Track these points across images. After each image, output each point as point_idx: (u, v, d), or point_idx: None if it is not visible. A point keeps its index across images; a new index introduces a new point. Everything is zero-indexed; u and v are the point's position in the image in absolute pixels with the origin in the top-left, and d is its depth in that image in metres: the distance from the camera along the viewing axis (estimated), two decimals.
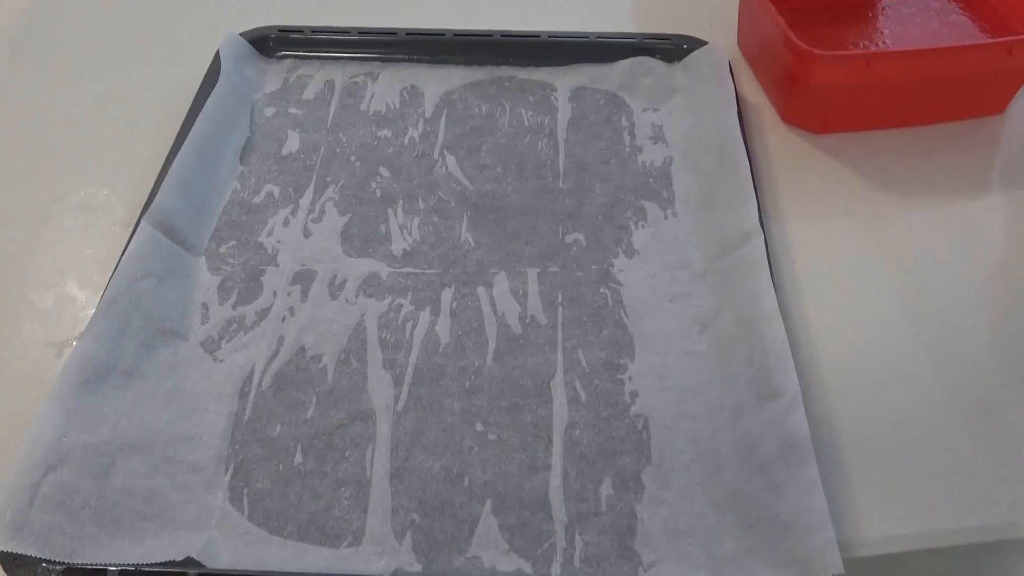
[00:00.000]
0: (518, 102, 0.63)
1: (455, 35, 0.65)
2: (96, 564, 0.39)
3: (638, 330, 0.49)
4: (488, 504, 0.42)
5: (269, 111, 0.62)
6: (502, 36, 0.65)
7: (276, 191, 0.57)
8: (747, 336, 0.46)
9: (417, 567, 0.40)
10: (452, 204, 0.56)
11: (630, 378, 0.47)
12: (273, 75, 0.65)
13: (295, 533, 0.42)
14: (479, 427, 0.45)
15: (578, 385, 0.47)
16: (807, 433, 0.41)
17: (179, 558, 0.40)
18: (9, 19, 0.72)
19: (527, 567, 0.40)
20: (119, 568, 0.39)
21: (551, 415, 0.46)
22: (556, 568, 0.40)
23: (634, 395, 0.46)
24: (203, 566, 0.39)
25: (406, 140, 0.60)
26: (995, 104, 0.61)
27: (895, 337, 0.49)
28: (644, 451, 0.44)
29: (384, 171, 0.58)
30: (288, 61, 0.65)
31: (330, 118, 0.62)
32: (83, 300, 0.52)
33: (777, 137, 0.60)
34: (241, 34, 0.65)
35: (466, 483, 0.43)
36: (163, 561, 0.39)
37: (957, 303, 0.50)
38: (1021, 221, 0.55)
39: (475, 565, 0.40)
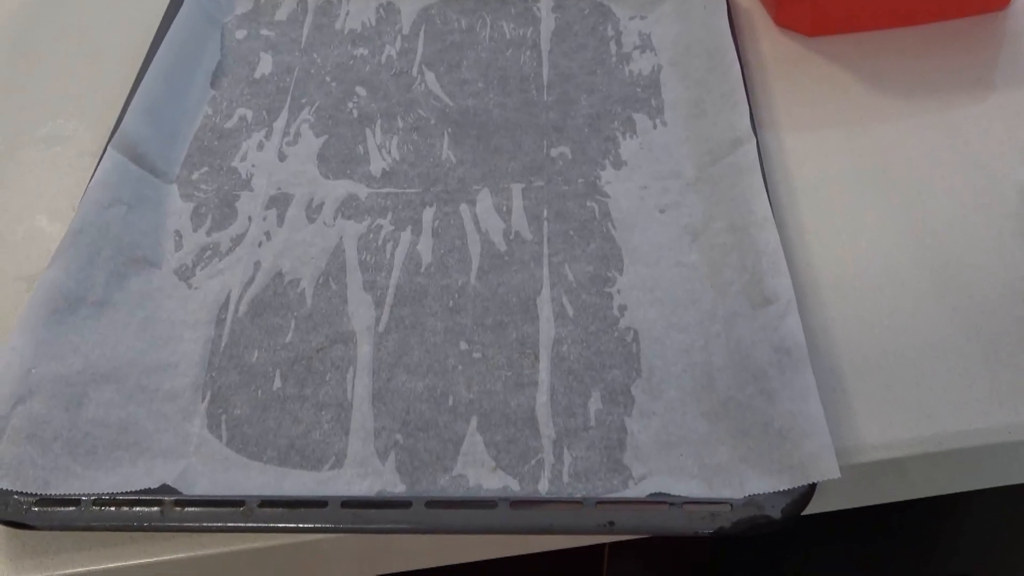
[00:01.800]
0: (499, 14, 0.60)
1: None
2: (69, 494, 0.38)
3: (627, 242, 0.47)
4: (473, 422, 0.41)
5: (240, 33, 0.60)
6: None
7: (249, 115, 0.55)
8: (739, 243, 0.45)
9: (401, 487, 0.39)
10: (432, 121, 0.54)
11: (619, 291, 0.45)
12: None
13: (275, 458, 0.40)
14: (463, 346, 0.44)
15: (565, 300, 0.45)
16: (802, 339, 0.40)
17: (155, 485, 0.39)
18: None
19: (514, 484, 0.39)
20: (93, 498, 0.38)
21: (537, 331, 0.44)
22: (544, 484, 0.39)
23: (623, 308, 0.45)
24: (180, 493, 0.38)
25: (383, 58, 0.58)
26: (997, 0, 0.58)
27: (892, 243, 0.47)
28: (634, 364, 0.43)
29: (361, 90, 0.56)
30: None
31: (304, 38, 0.59)
32: (53, 233, 0.50)
33: (770, 41, 0.58)
34: None
35: (450, 402, 0.42)
36: (138, 489, 0.38)
37: (956, 207, 0.48)
38: (1019, 122, 0.52)
39: (460, 484, 0.39)
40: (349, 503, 0.38)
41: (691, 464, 0.39)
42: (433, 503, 0.38)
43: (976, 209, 0.48)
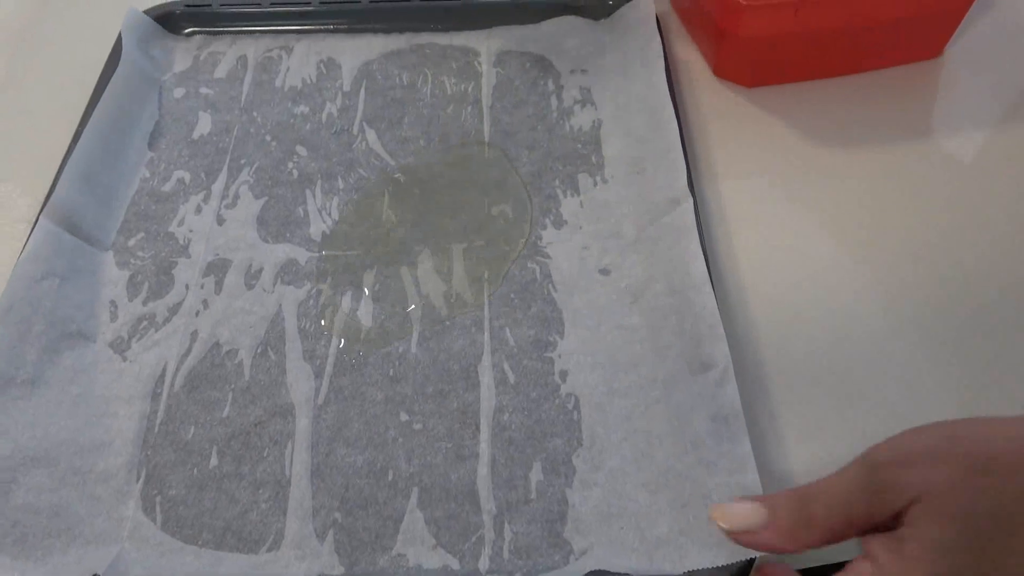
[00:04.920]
0: (441, 69, 0.60)
1: (371, 1, 0.62)
2: None
3: (567, 305, 0.47)
4: (414, 497, 0.41)
5: (179, 92, 0.59)
6: (421, 1, 0.62)
7: (187, 177, 0.54)
8: (678, 306, 0.45)
9: (340, 569, 0.38)
10: (372, 180, 0.54)
11: (559, 356, 0.45)
12: (182, 53, 0.61)
13: (211, 541, 0.40)
14: (404, 416, 0.43)
15: (506, 366, 0.45)
16: (739, 406, 0.40)
17: None
18: None
19: (454, 563, 0.38)
20: None
21: (478, 400, 0.44)
22: (484, 562, 0.38)
23: (564, 374, 0.44)
24: None
25: (324, 116, 0.57)
26: (931, 48, 0.59)
27: (834, 295, 0.47)
28: (575, 432, 0.42)
29: (301, 150, 0.56)
30: (197, 38, 0.62)
31: (244, 96, 0.59)
32: None
33: (710, 93, 0.58)
34: (145, 11, 0.62)
35: (390, 477, 0.41)
36: None
37: (897, 256, 0.49)
38: (961, 167, 0.53)
39: (400, 564, 0.39)
40: None
41: (632, 537, 0.39)
42: None
43: (917, 260, 0.48)
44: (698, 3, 0.58)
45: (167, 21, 0.62)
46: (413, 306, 0.48)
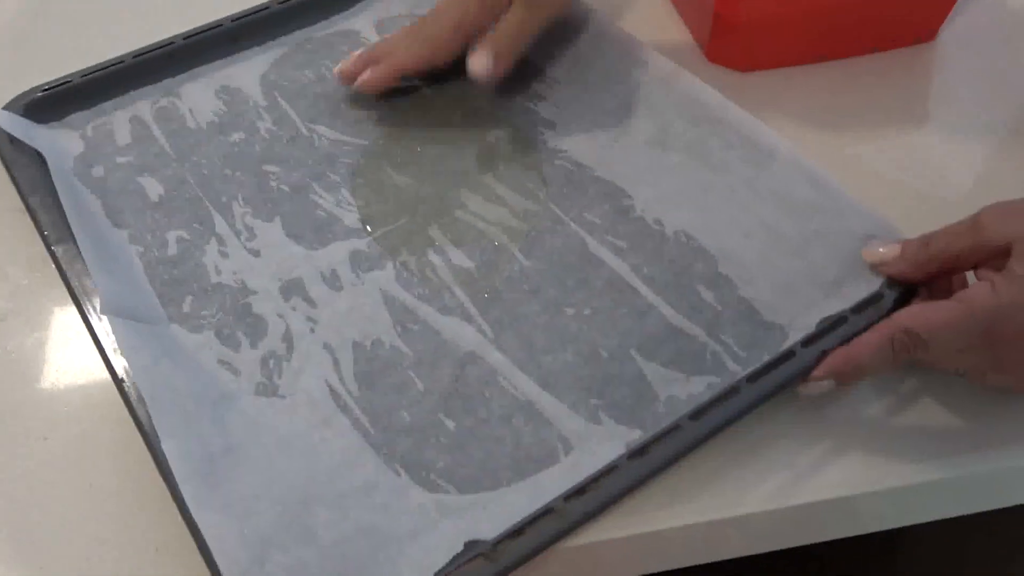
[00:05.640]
0: (334, 53, 0.61)
1: (233, 20, 0.61)
2: None
3: (614, 174, 0.52)
4: (637, 357, 0.44)
5: (96, 171, 0.54)
6: (280, 5, 0.62)
7: (184, 234, 0.51)
8: (711, 129, 0.52)
9: (637, 433, 0.42)
10: (363, 162, 0.54)
11: (643, 210, 0.50)
12: (65, 139, 0.56)
13: (510, 478, 0.41)
14: (570, 311, 0.46)
15: (610, 238, 0.49)
16: (824, 172, 0.49)
17: (460, 548, 0.38)
18: None
19: (712, 379, 0.43)
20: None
21: (615, 270, 0.48)
22: (731, 365, 0.44)
23: (659, 221, 0.50)
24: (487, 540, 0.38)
25: (264, 133, 0.56)
26: (925, 31, 0.59)
27: None
28: (705, 253, 0.48)
29: (271, 167, 0.54)
30: (73, 117, 0.57)
31: (169, 149, 0.55)
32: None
33: (704, 77, 0.55)
34: (3, 108, 0.55)
35: (605, 355, 0.45)
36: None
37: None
38: (955, 150, 0.54)
39: (672, 406, 0.43)
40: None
41: (817, 294, 0.46)
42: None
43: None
44: None
45: (31, 112, 0.56)
46: (495, 235, 0.50)
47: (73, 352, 0.48)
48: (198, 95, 0.58)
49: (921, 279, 0.44)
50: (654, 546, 0.41)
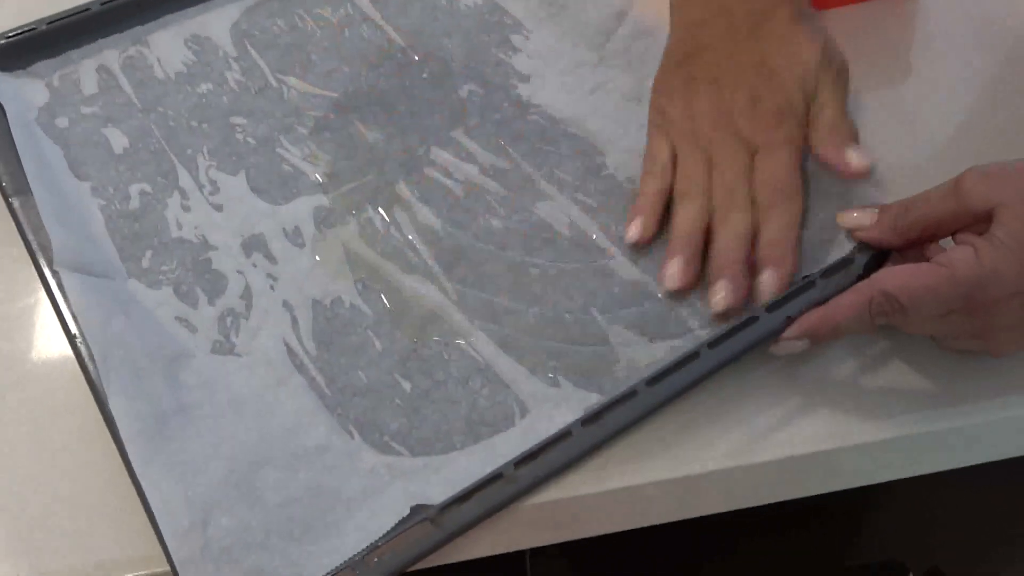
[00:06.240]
0: (309, 5, 0.59)
1: None
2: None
3: (586, 130, 0.51)
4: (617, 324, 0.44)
5: (61, 121, 0.53)
6: None
7: (147, 187, 0.50)
8: None
9: (594, 398, 0.41)
10: (332, 116, 0.53)
11: (616, 168, 0.49)
12: (31, 89, 0.55)
13: (463, 441, 0.40)
14: (534, 271, 0.45)
15: (582, 197, 0.48)
16: None
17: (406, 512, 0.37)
18: None
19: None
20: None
21: (577, 231, 0.47)
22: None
23: (632, 180, 0.49)
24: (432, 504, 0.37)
25: (232, 84, 0.55)
26: None
27: None
28: None
29: (238, 119, 0.53)
30: (39, 66, 0.56)
31: (135, 99, 0.54)
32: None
33: None
34: None
35: (593, 314, 0.44)
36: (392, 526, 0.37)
37: (879, 189, 0.47)
38: (939, 104, 0.52)
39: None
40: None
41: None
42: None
43: (900, 188, 0.45)
44: None
45: None
46: (463, 195, 0.49)
47: (31, 308, 0.47)
48: (167, 44, 0.57)
49: (899, 245, 0.42)
50: (619, 503, 0.40)
